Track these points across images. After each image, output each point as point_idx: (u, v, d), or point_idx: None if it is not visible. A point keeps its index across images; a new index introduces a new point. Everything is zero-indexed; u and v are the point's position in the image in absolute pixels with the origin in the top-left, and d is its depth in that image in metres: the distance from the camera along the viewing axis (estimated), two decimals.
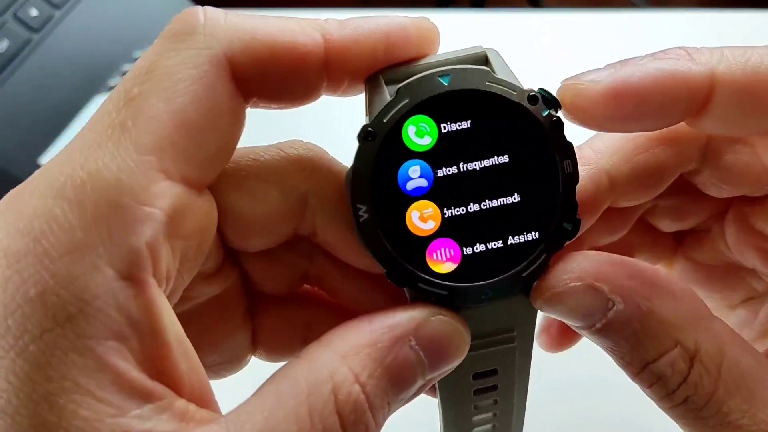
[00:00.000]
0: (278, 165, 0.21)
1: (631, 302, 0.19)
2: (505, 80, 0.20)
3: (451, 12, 0.71)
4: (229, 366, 0.24)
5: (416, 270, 0.19)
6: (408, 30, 0.20)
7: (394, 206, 0.19)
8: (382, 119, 0.19)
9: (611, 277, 0.20)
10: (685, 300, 0.20)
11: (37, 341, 0.15)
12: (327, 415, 0.17)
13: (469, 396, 0.22)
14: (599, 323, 0.20)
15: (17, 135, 0.49)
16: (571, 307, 0.20)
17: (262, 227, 0.21)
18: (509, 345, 0.21)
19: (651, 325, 0.19)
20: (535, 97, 0.20)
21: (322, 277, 0.23)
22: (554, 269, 0.20)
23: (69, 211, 0.16)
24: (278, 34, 0.19)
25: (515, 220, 0.20)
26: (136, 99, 0.17)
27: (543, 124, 0.20)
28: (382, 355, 0.18)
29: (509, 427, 0.24)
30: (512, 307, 0.20)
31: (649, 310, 0.19)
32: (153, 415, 0.16)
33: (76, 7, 0.54)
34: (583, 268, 0.20)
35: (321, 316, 0.24)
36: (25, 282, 0.16)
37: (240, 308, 0.23)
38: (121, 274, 0.16)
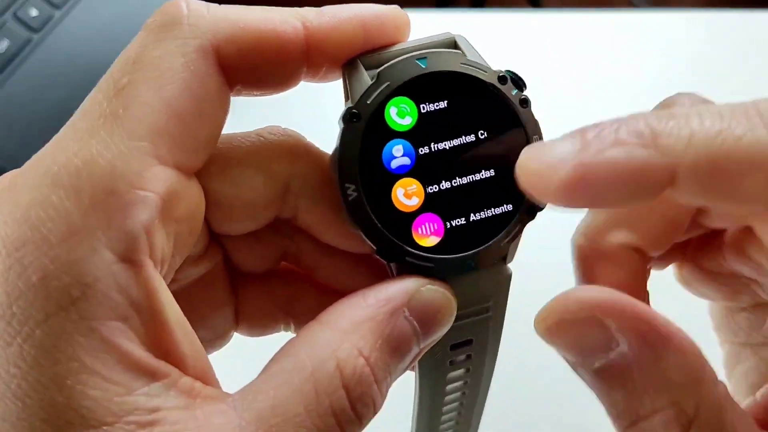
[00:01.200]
0: (260, 151, 0.22)
1: (637, 348, 0.18)
2: (477, 62, 0.21)
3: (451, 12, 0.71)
4: (214, 342, 0.25)
5: (404, 245, 0.20)
6: (383, 17, 0.21)
7: (380, 184, 0.20)
8: (366, 101, 0.20)
9: (621, 315, 0.19)
10: (692, 359, 0.19)
11: (42, 326, 0.16)
12: (333, 390, 0.17)
13: (445, 366, 0.23)
14: (598, 362, 0.19)
15: (17, 135, 0.49)
16: (573, 338, 0.19)
17: (246, 212, 0.22)
18: (485, 315, 0.22)
19: (652, 377, 0.18)
20: (504, 78, 0.21)
21: (301, 255, 0.24)
22: (563, 296, 0.20)
23: (65, 198, 0.16)
24: (261, 23, 0.19)
25: (492, 193, 0.21)
26: (126, 88, 0.18)
27: (513, 102, 0.21)
28: (380, 328, 0.19)
29: (476, 396, 0.25)
30: (490, 278, 0.21)
31: (653, 362, 0.18)
32: (160, 392, 0.16)
33: (76, 7, 0.54)
34: (594, 299, 0.19)
35: (301, 291, 0.25)
36: (26, 269, 0.16)
37: (223, 287, 0.24)
38: (119, 256, 0.17)
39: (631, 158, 0.16)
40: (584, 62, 0.59)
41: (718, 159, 0.16)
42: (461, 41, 0.21)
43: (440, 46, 0.21)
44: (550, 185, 0.17)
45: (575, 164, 0.17)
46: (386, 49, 0.21)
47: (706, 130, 0.16)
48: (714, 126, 0.16)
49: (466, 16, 0.64)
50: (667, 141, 0.16)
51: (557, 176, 0.17)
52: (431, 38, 0.21)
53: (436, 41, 0.21)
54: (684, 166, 0.16)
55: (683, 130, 0.17)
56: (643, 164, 0.16)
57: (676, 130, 0.17)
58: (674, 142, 0.16)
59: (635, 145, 0.17)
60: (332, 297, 0.24)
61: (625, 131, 0.17)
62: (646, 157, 0.16)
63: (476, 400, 0.25)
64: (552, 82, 0.57)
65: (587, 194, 0.17)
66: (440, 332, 0.20)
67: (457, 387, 0.24)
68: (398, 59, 0.20)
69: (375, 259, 0.23)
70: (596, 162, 0.17)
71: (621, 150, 0.17)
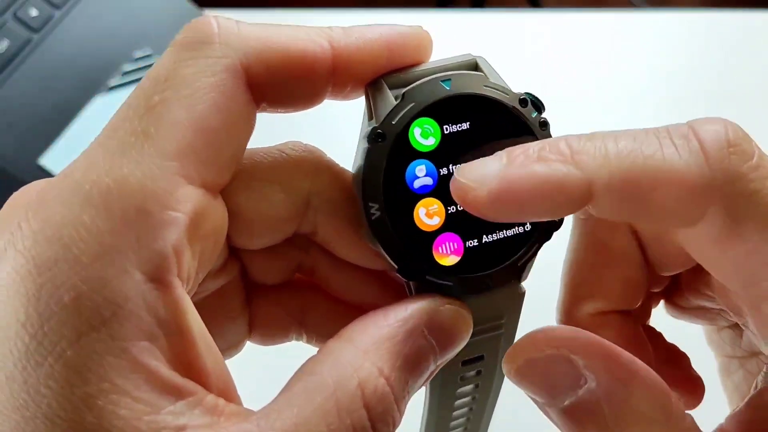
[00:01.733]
0: (281, 167, 0.22)
1: (605, 383, 0.19)
2: (499, 85, 0.21)
3: (451, 12, 0.71)
4: (227, 352, 0.25)
5: (425, 264, 0.20)
6: (407, 38, 0.21)
7: (403, 204, 0.20)
8: (391, 121, 0.20)
9: (588, 352, 0.19)
10: (658, 391, 0.19)
11: (74, 346, 0.16)
12: (354, 409, 0.17)
13: (455, 382, 0.23)
14: (568, 400, 0.19)
15: (17, 135, 0.49)
16: (541, 376, 0.20)
17: (267, 227, 0.22)
18: (498, 332, 0.22)
19: (622, 412, 0.19)
20: (525, 101, 0.21)
21: (316, 268, 0.24)
22: (529, 336, 0.20)
23: (97, 217, 0.17)
24: (290, 43, 0.19)
25: None
26: (157, 106, 0.18)
27: (533, 124, 0.21)
28: (400, 348, 0.19)
29: (484, 411, 0.25)
30: (505, 296, 0.22)
31: (623, 397, 0.19)
32: (186, 410, 0.16)
33: (76, 7, 0.54)
34: (561, 337, 0.20)
35: (314, 301, 0.25)
36: (58, 289, 0.16)
37: (239, 298, 0.24)
38: (149, 276, 0.17)
39: (551, 172, 0.18)
40: (584, 62, 0.59)
41: (629, 174, 0.18)
42: (482, 63, 0.22)
43: (462, 67, 0.21)
44: (479, 197, 0.18)
45: (501, 177, 0.18)
46: (409, 69, 0.21)
47: (619, 149, 0.18)
48: (627, 146, 0.18)
49: (466, 16, 0.64)
50: (585, 158, 0.18)
51: (485, 188, 0.18)
52: (453, 59, 0.22)
53: (458, 63, 0.22)
54: (599, 181, 0.18)
55: (599, 150, 0.18)
56: (563, 178, 0.18)
57: (592, 149, 0.18)
58: (591, 159, 0.18)
59: (556, 162, 0.18)
60: (345, 308, 0.24)
61: (548, 150, 0.18)
62: (565, 172, 0.18)
63: (483, 415, 0.26)
64: (552, 82, 0.57)
65: (513, 205, 0.18)
66: (457, 349, 0.20)
67: (466, 402, 0.25)
68: (423, 81, 0.21)
69: (388, 275, 0.23)
70: (520, 174, 0.18)
71: (543, 165, 0.18)
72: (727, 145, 0.18)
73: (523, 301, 0.22)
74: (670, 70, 0.59)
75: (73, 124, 0.50)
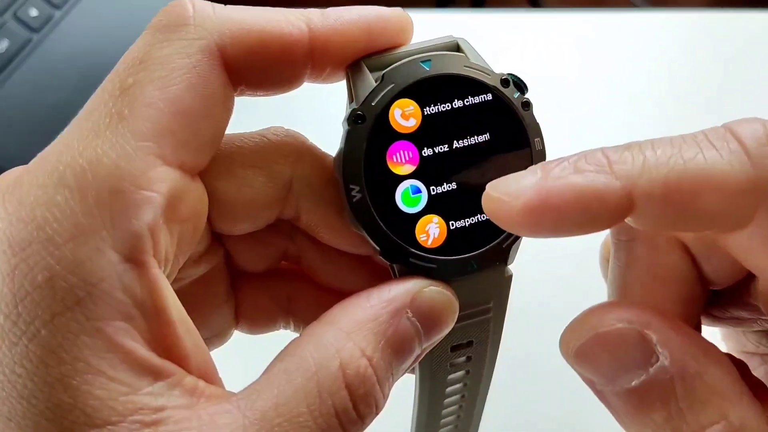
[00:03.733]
0: (263, 151, 0.22)
1: (680, 360, 0.18)
2: (480, 65, 0.21)
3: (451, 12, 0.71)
4: (214, 341, 0.25)
5: (407, 246, 0.20)
6: (387, 20, 0.21)
7: (384, 186, 0.20)
8: (371, 102, 0.20)
9: (662, 328, 0.18)
10: (729, 368, 0.18)
11: (48, 326, 0.16)
12: (336, 390, 0.17)
13: (445, 368, 0.23)
14: (636, 380, 0.18)
15: (17, 135, 0.49)
16: (608, 354, 0.18)
17: (249, 212, 0.22)
18: (486, 316, 0.22)
19: (697, 390, 0.18)
20: (507, 81, 0.21)
21: (301, 255, 0.24)
22: (594, 311, 0.19)
23: (71, 198, 0.17)
24: (266, 24, 0.19)
25: None
26: (131, 88, 0.18)
27: (515, 105, 0.21)
28: (383, 328, 0.19)
29: (476, 398, 0.25)
30: (491, 279, 0.21)
31: (698, 373, 0.18)
32: (164, 391, 0.16)
33: (76, 7, 0.54)
34: (634, 313, 0.19)
35: (300, 289, 0.25)
36: (32, 269, 0.16)
37: (223, 285, 0.24)
38: (124, 256, 0.17)
39: (589, 183, 0.17)
40: (584, 62, 0.59)
41: (670, 180, 0.17)
42: (464, 44, 0.22)
43: (443, 48, 0.21)
44: (513, 210, 0.18)
45: (537, 189, 0.18)
46: (390, 51, 0.21)
47: (657, 156, 0.18)
48: (666, 152, 0.18)
49: (466, 16, 0.64)
50: (623, 167, 0.18)
51: (520, 201, 0.18)
52: (434, 41, 0.22)
53: (439, 44, 0.21)
54: (639, 189, 0.17)
55: (637, 158, 0.18)
56: (602, 188, 0.17)
57: (630, 158, 0.18)
58: (630, 168, 0.17)
59: (594, 172, 0.18)
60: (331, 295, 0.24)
61: (584, 161, 0.18)
62: (604, 182, 0.17)
63: (476, 402, 0.26)
64: (552, 82, 0.57)
65: (549, 218, 0.18)
66: (442, 333, 0.20)
67: (457, 389, 0.24)
68: (402, 61, 0.20)
69: (375, 261, 0.23)
70: (557, 186, 0.18)
71: (580, 176, 0.18)
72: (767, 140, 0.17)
73: (510, 285, 0.22)
74: (670, 70, 0.59)
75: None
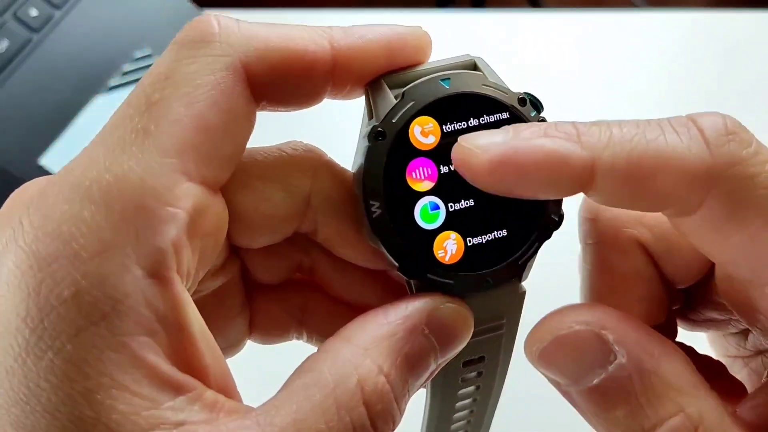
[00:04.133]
0: (282, 166, 0.22)
1: (636, 357, 0.19)
2: (498, 84, 0.21)
3: (451, 12, 0.71)
4: (227, 351, 0.25)
5: (425, 262, 0.20)
6: (406, 39, 0.21)
7: (404, 202, 0.20)
8: (391, 120, 0.20)
9: (617, 327, 0.19)
10: (686, 362, 0.19)
11: (73, 340, 0.16)
12: (354, 407, 0.17)
13: (456, 383, 0.23)
14: (597, 378, 0.19)
15: (17, 135, 0.49)
16: (568, 355, 0.19)
17: (267, 226, 0.22)
18: (499, 332, 0.22)
19: (654, 385, 0.18)
20: (524, 100, 0.21)
21: (316, 268, 0.24)
22: (554, 315, 0.20)
23: (97, 213, 0.17)
24: (290, 42, 0.20)
25: (511, 212, 0.21)
26: (157, 104, 0.18)
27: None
28: (400, 345, 0.19)
29: (485, 412, 0.25)
30: (505, 295, 0.22)
31: (654, 369, 0.19)
32: (185, 406, 0.17)
33: (76, 7, 0.54)
34: (590, 314, 0.20)
35: (314, 300, 0.25)
36: (58, 284, 0.16)
37: (239, 297, 0.24)
38: (148, 272, 0.17)
39: (556, 147, 0.18)
40: (584, 62, 0.59)
41: (632, 156, 0.18)
42: (481, 63, 0.22)
43: (461, 67, 0.22)
44: (481, 163, 0.19)
45: (506, 145, 0.19)
46: (409, 69, 0.21)
47: (623, 133, 0.19)
48: (631, 131, 0.19)
49: (466, 16, 0.64)
50: (590, 139, 0.19)
51: (488, 154, 0.19)
52: (452, 59, 0.22)
53: (457, 63, 0.22)
54: (602, 161, 0.18)
55: (604, 133, 0.19)
56: (567, 153, 0.18)
57: (597, 132, 0.19)
58: (596, 141, 0.19)
59: (562, 139, 0.19)
60: (344, 307, 0.24)
61: (554, 129, 0.19)
62: (571, 148, 0.18)
63: (485, 416, 0.26)
64: (552, 82, 0.57)
65: (513, 174, 0.19)
66: (457, 349, 0.20)
67: (467, 405, 0.25)
68: (422, 80, 0.21)
69: (389, 275, 0.23)
70: (524, 145, 0.19)
71: (549, 140, 0.19)
72: (726, 132, 0.18)
73: (523, 301, 0.22)
74: (670, 70, 0.59)
75: (73, 124, 0.50)
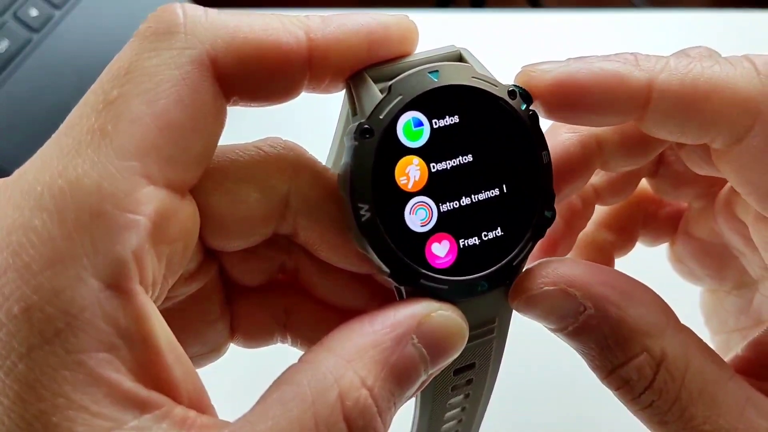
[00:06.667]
0: (258, 165, 0.21)
1: (602, 308, 0.20)
2: (487, 76, 0.20)
3: (451, 12, 0.71)
4: (209, 356, 0.24)
5: (417, 267, 0.19)
6: (390, 28, 0.20)
7: (393, 204, 0.19)
8: (378, 116, 0.19)
9: (584, 283, 0.20)
10: (654, 308, 0.21)
11: (25, 359, 0.15)
12: (334, 422, 0.16)
13: (447, 392, 0.22)
14: (571, 327, 0.20)
15: (17, 135, 0.49)
16: (545, 309, 0.21)
17: (242, 229, 0.21)
18: (490, 336, 0.21)
19: (620, 330, 0.20)
20: (513, 92, 0.20)
21: (299, 270, 0.23)
22: (531, 273, 0.21)
23: (49, 222, 0.16)
24: (262, 32, 0.18)
25: (504, 210, 0.20)
26: (116, 101, 0.17)
27: (522, 117, 0.20)
28: (386, 356, 0.18)
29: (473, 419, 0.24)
30: (497, 299, 0.21)
31: (619, 317, 0.20)
32: (152, 424, 0.16)
33: (76, 7, 0.54)
34: (558, 273, 0.20)
35: (297, 303, 0.24)
36: (7, 299, 0.15)
37: (218, 300, 0.23)
38: (106, 284, 0.16)
39: (615, 68, 0.20)
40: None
41: (686, 80, 0.20)
42: (467, 54, 0.21)
43: (446, 58, 0.21)
44: (544, 81, 0.20)
45: (568, 67, 0.20)
46: (393, 62, 0.20)
47: (678, 61, 0.20)
48: (686, 60, 0.20)
49: (466, 16, 0.64)
50: (648, 64, 0.20)
51: (550, 75, 0.20)
52: (436, 51, 0.21)
53: (443, 54, 0.21)
54: (658, 82, 0.20)
55: (661, 60, 0.20)
56: (626, 74, 0.20)
57: (655, 59, 0.20)
58: (653, 65, 0.20)
59: (621, 63, 0.20)
60: (329, 310, 0.23)
61: (615, 56, 0.20)
62: (629, 70, 0.20)
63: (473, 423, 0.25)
64: None
65: (574, 93, 0.20)
66: (450, 359, 0.19)
67: (455, 414, 0.24)
68: (409, 72, 0.20)
69: (374, 279, 0.22)
70: (585, 66, 0.20)
71: (608, 62, 0.20)
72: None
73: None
74: None
75: None
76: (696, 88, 0.19)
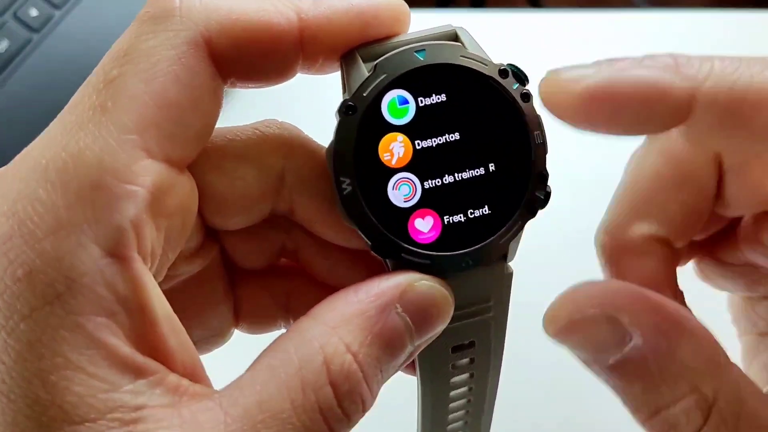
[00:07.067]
0: (255, 144, 0.21)
1: (651, 339, 0.18)
2: (477, 55, 0.20)
3: (451, 12, 0.71)
4: (213, 340, 0.24)
5: (400, 241, 0.20)
6: (380, 8, 0.20)
7: (376, 179, 0.20)
8: (362, 93, 0.20)
9: (632, 308, 0.19)
10: (706, 343, 0.19)
11: (27, 320, 0.16)
12: (320, 386, 0.17)
13: (447, 370, 0.23)
14: (613, 359, 0.19)
15: (17, 135, 0.49)
16: (586, 337, 0.19)
17: (241, 206, 0.22)
18: (486, 315, 0.21)
19: (669, 366, 0.18)
20: (505, 71, 0.20)
21: (299, 251, 0.24)
22: (571, 294, 0.20)
23: (53, 192, 0.16)
24: (254, 14, 0.19)
25: (491, 189, 0.20)
26: (115, 80, 0.18)
27: (514, 96, 0.20)
28: (370, 323, 0.18)
29: (483, 403, 0.25)
30: (489, 276, 0.21)
31: (669, 350, 0.18)
32: (146, 389, 0.16)
33: (76, 7, 0.54)
34: (604, 296, 0.19)
35: (300, 286, 0.24)
36: (12, 263, 0.16)
37: (221, 283, 0.24)
38: (106, 251, 0.16)
39: (654, 78, 0.18)
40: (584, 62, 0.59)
41: (735, 90, 0.17)
42: (462, 34, 0.21)
43: (440, 38, 0.21)
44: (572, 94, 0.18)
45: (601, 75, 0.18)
46: (386, 41, 0.20)
47: (724, 66, 0.18)
48: (732, 65, 0.18)
49: (466, 16, 0.64)
50: (690, 70, 0.18)
51: (581, 85, 0.18)
52: (432, 30, 0.21)
53: (437, 33, 0.21)
54: (703, 93, 0.17)
55: (704, 65, 0.18)
56: (666, 84, 0.18)
57: (698, 63, 0.18)
58: (696, 72, 0.18)
59: (660, 70, 0.18)
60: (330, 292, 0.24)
61: (652, 59, 0.18)
62: (669, 79, 0.18)
63: (483, 407, 0.25)
64: None
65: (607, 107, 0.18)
66: (436, 329, 0.20)
67: (462, 393, 0.24)
68: (396, 51, 0.20)
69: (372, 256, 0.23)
70: (621, 75, 0.18)
71: (646, 70, 0.18)
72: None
73: (511, 282, 0.21)
74: None
75: None
76: (746, 100, 0.18)
